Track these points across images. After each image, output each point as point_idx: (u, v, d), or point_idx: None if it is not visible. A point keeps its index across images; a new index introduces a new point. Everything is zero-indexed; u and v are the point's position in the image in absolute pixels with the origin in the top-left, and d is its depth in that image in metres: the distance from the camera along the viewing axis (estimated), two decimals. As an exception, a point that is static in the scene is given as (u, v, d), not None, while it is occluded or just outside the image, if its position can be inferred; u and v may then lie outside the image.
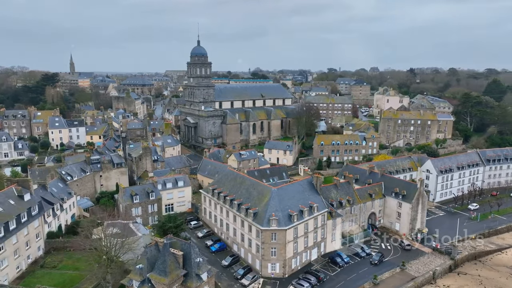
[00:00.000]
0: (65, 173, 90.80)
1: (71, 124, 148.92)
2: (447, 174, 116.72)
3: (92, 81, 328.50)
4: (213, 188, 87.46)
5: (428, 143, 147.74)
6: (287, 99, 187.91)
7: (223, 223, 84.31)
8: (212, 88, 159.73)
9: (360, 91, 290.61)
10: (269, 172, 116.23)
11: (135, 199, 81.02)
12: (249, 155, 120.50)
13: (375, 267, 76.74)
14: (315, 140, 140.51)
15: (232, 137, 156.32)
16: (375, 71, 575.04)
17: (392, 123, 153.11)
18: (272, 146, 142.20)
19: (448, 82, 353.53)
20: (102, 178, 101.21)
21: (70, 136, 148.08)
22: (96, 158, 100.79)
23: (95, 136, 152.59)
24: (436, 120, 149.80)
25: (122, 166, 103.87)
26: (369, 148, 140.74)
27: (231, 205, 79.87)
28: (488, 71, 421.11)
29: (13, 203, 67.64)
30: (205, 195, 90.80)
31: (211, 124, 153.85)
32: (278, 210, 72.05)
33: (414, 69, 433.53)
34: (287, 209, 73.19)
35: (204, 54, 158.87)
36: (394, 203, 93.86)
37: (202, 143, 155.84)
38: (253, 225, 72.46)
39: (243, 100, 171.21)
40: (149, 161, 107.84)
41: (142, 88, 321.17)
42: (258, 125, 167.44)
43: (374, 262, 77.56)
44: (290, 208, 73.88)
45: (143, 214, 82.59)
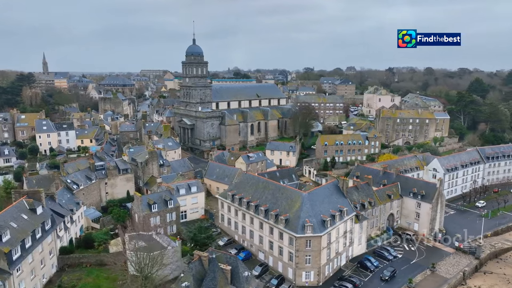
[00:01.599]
0: (70, 182, 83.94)
1: (60, 128, 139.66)
2: (453, 172, 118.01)
3: (68, 81, 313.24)
4: (232, 194, 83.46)
5: (427, 141, 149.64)
6: (282, 99, 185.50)
7: (245, 230, 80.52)
8: (209, 89, 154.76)
9: (346, 91, 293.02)
10: (279, 175, 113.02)
11: (153, 208, 75.68)
12: (257, 157, 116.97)
13: (406, 270, 75.40)
14: (318, 141, 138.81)
15: (231, 138, 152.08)
16: (352, 70, 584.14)
17: (391, 122, 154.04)
18: (274, 147, 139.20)
19: (427, 81, 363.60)
20: (108, 185, 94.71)
21: (59, 141, 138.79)
22: (101, 164, 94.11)
23: (86, 140, 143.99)
24: (434, 118, 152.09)
25: (128, 172, 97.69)
26: (372, 147, 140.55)
27: (257, 211, 76.28)
28: (461, 70, 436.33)
29: (26, 217, 61.08)
30: (223, 201, 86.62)
31: (209, 125, 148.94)
32: (311, 216, 69.19)
33: (393, 68, 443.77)
34: (319, 215, 70.46)
35: (200, 53, 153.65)
36: (412, 204, 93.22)
37: (200, 145, 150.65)
38: (286, 232, 69.23)
39: (240, 101, 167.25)
40: (156, 166, 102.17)
41: (123, 88, 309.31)
42: (256, 126, 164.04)
43: (385, 278, 70.30)
44: (322, 213, 71.23)
45: (161, 223, 77.37)
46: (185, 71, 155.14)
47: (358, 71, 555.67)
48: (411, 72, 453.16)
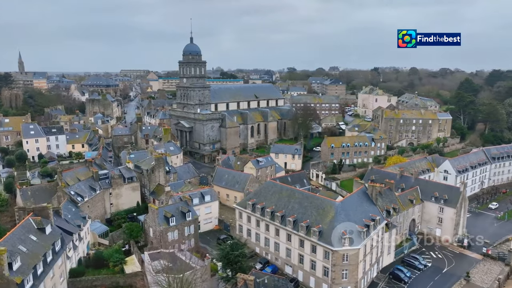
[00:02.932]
0: (74, 194, 75.95)
1: (49, 132, 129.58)
2: (464, 174, 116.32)
3: (48, 82, 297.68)
4: (253, 203, 77.74)
5: (430, 142, 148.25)
6: (280, 100, 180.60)
7: (269, 242, 74.97)
8: (208, 89, 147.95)
9: (336, 91, 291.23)
10: (290, 180, 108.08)
11: (171, 222, 68.94)
12: (266, 161, 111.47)
13: (440, 280, 71.87)
14: (325, 143, 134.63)
15: (231, 141, 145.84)
16: (336, 70, 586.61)
17: (394, 123, 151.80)
18: (279, 150, 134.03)
19: (412, 81, 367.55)
20: (112, 196, 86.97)
21: (48, 146, 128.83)
22: (104, 173, 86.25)
23: (77, 145, 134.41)
24: (437, 119, 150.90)
25: (134, 180, 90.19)
26: (377, 149, 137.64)
27: (283, 222, 70.92)
28: (443, 70, 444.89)
29: (35, 239, 53.33)
30: (241, 211, 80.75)
31: (209, 128, 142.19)
32: (347, 227, 64.31)
33: (378, 68, 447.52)
34: (354, 225, 65.65)
35: (198, 52, 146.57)
36: (434, 208, 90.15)
37: (200, 149, 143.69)
38: (320, 245, 64.12)
39: (238, 102, 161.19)
40: (163, 173, 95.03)
41: (107, 89, 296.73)
42: (255, 128, 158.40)
43: None
44: (356, 223, 66.46)
45: (179, 238, 70.72)
46: (182, 71, 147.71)
47: (342, 71, 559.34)
48: (395, 72, 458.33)
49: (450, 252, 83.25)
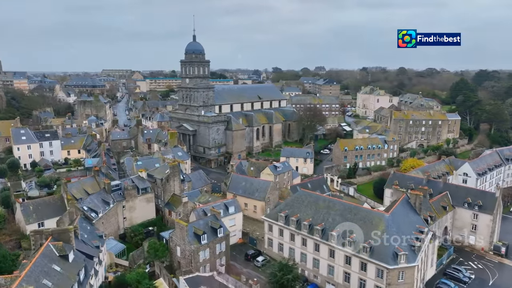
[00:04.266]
0: (87, 209, 67.36)
1: (42, 137, 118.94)
2: (483, 176, 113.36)
3: (29, 82, 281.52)
4: (285, 215, 71.26)
5: (440, 143, 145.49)
6: (282, 101, 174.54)
7: (306, 258, 68.66)
8: (212, 90, 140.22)
9: (330, 91, 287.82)
10: (311, 186, 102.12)
11: (202, 240, 61.54)
12: (284, 167, 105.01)
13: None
14: (337, 145, 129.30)
15: (238, 145, 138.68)
16: (322, 70, 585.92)
17: (403, 124, 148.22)
18: (289, 154, 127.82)
19: (402, 81, 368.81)
20: (126, 209, 78.47)
21: (42, 152, 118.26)
22: (116, 184, 77.70)
23: (73, 151, 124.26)
24: (446, 120, 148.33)
25: (148, 191, 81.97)
26: (390, 151, 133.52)
27: (324, 236, 64.74)
28: (429, 70, 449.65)
29: (59, 269, 45.24)
30: (271, 223, 74.10)
31: (214, 131, 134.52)
32: (401, 242, 58.82)
33: (367, 68, 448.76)
34: (407, 239, 60.21)
35: (202, 50, 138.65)
36: (467, 215, 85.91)
37: (204, 153, 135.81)
38: (372, 262, 58.24)
39: (242, 103, 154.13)
40: (178, 182, 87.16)
41: (92, 89, 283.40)
42: (260, 130, 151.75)
43: None
44: (407, 237, 61.06)
45: (210, 257, 63.40)
46: (185, 70, 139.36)
47: (328, 71, 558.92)
48: (383, 71, 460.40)
49: (489, 262, 79.09)
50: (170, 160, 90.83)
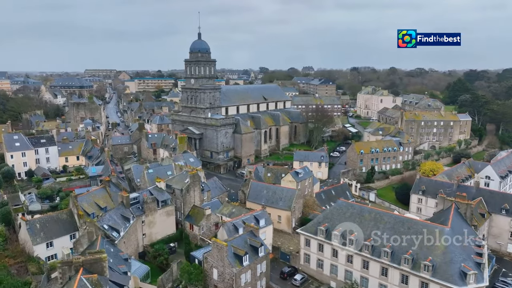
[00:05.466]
0: (108, 228, 59.32)
1: (37, 143, 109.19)
2: (506, 179, 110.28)
3: (11, 82, 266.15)
4: (326, 228, 65.04)
5: (453, 144, 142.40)
6: (287, 102, 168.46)
7: (351, 276, 62.50)
8: (218, 91, 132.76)
9: (327, 91, 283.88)
10: (334, 193, 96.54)
11: (244, 261, 54.59)
12: (305, 173, 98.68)
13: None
14: (352, 148, 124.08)
15: (247, 149, 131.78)
16: (310, 70, 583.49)
17: (415, 126, 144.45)
18: (303, 158, 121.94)
19: (393, 81, 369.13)
20: (145, 224, 70.56)
21: (37, 160, 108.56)
22: (135, 197, 69.68)
23: (71, 157, 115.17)
24: (458, 121, 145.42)
25: (168, 203, 74.26)
26: (405, 154, 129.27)
27: (375, 253, 58.80)
28: (418, 70, 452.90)
29: (97, 310, 37.49)
30: (309, 237, 67.71)
31: (223, 134, 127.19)
32: (467, 259, 53.51)
33: (358, 68, 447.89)
34: (470, 256, 54.94)
35: (208, 49, 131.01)
36: (505, 222, 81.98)
37: (212, 158, 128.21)
38: (436, 283, 52.59)
39: (248, 104, 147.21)
40: (198, 192, 79.83)
41: (80, 90, 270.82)
42: (268, 133, 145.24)
43: None
44: (471, 252, 55.86)
45: (252, 280, 56.50)
46: (190, 70, 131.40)
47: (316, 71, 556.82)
48: (372, 71, 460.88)
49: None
50: (189, 168, 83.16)
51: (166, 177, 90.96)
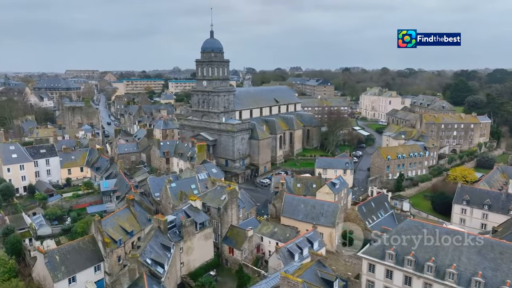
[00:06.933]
0: (151, 262, 49.32)
1: (37, 154, 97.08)
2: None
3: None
4: (395, 252, 57.01)
5: (474, 148, 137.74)
6: (298, 104, 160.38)
7: (430, 307, 54.64)
8: (232, 94, 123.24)
9: (325, 92, 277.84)
10: (374, 205, 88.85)
11: (321, 299, 45.82)
12: (341, 183, 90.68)
13: None
14: (378, 154, 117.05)
15: (263, 155, 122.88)
16: (298, 70, 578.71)
17: (435, 129, 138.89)
18: (326, 165, 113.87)
19: (387, 81, 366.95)
20: (183, 252, 60.69)
21: (37, 173, 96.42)
22: (171, 221, 59.68)
23: (74, 169, 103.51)
24: (478, 123, 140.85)
25: (206, 225, 64.60)
26: (430, 159, 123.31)
27: (462, 282, 51.15)
28: (409, 70, 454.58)
29: None
30: (374, 262, 59.51)
31: (239, 140, 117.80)
32: None
33: (349, 68, 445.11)
34: None
35: (221, 49, 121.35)
36: None
37: (228, 166, 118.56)
38: (546, 319, 45.25)
39: (261, 108, 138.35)
40: (236, 210, 70.52)
41: (67, 92, 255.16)
42: (282, 138, 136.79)
43: None
44: None
45: (327, 320, 47.75)
46: (202, 71, 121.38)
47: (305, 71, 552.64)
48: (362, 72, 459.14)
49: None
50: (224, 182, 73.70)
51: (190, 192, 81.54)
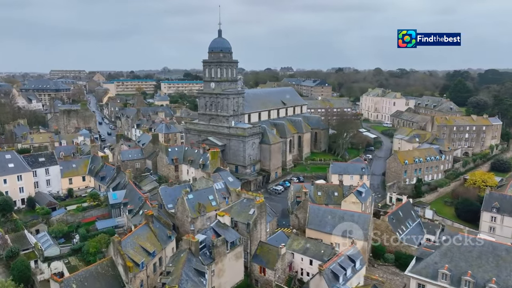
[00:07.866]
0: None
1: (35, 163, 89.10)
2: None
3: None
4: (449, 271, 52.13)
5: (486, 150, 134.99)
6: (304, 106, 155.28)
7: (491, 332, 49.87)
8: (242, 96, 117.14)
9: (323, 93, 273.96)
10: (402, 215, 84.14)
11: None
12: (366, 191, 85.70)
13: None
14: (395, 158, 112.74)
15: (275, 161, 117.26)
16: (290, 70, 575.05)
17: (447, 131, 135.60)
18: (342, 170, 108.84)
19: (381, 81, 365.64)
20: (214, 274, 54.50)
21: (36, 184, 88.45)
22: (202, 241, 53.39)
23: (76, 178, 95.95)
24: (490, 125, 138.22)
25: (237, 244, 58.53)
26: (446, 162, 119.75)
27: (531, 305, 46.50)
28: (401, 70, 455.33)
29: None
30: (424, 282, 54.52)
31: (250, 145, 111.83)
32: None
33: (343, 68, 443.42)
34: None
35: (230, 49, 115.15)
36: None
37: (238, 173, 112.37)
38: None
39: (269, 110, 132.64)
40: (264, 226, 64.73)
41: (56, 94, 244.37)
42: (292, 142, 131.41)
43: None
44: None
45: None
46: (210, 73, 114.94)
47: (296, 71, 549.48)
48: (355, 72, 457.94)
49: None
50: (250, 194, 67.67)
51: (208, 203, 75.45)
